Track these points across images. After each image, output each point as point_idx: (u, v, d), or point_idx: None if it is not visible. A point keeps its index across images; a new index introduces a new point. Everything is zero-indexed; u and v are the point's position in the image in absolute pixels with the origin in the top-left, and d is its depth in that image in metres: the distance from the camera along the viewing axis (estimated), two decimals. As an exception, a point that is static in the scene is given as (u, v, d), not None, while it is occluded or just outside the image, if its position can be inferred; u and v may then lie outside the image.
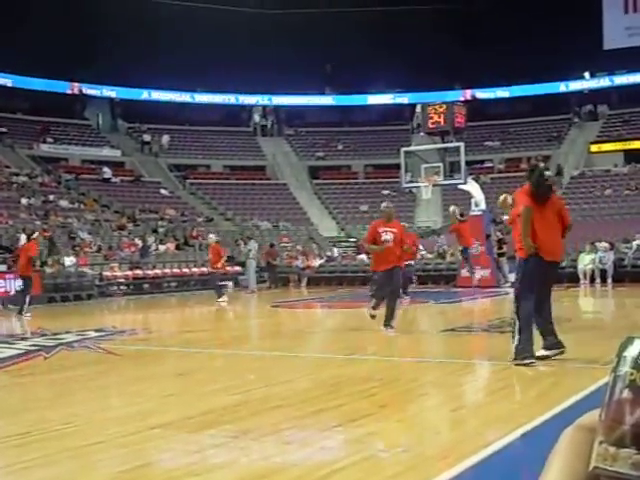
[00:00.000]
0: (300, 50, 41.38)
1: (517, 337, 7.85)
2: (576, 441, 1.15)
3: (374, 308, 12.05)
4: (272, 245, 30.32)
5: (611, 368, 1.06)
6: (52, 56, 38.20)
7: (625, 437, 1.01)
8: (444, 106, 26.30)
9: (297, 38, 41.42)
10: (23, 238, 20.09)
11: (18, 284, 19.50)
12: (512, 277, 24.17)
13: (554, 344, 8.06)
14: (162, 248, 30.75)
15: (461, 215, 23.73)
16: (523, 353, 7.77)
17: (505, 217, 20.59)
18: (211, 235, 23.38)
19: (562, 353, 8.05)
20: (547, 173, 38.15)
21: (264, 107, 50.31)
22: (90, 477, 4.20)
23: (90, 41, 38.78)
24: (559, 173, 39.04)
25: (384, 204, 12.63)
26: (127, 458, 4.57)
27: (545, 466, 1.17)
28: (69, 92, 44.66)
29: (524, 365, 7.66)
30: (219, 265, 21.19)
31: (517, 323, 7.94)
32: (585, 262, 25.64)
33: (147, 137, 44.83)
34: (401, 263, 12.18)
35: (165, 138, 44.89)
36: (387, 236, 11.67)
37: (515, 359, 7.80)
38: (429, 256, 29.90)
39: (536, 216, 8.05)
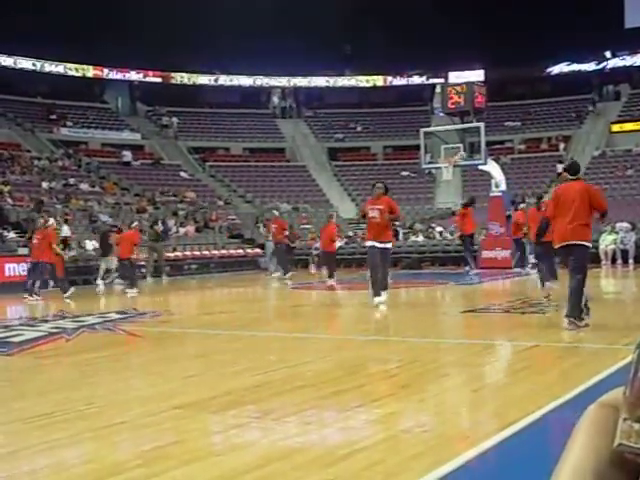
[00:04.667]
0: (319, 31, 41.19)
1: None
2: (599, 419, 1.15)
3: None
4: (290, 227, 30.33)
5: (636, 345, 1.05)
6: (72, 40, 38.30)
7: (650, 414, 1.00)
8: (464, 86, 26.13)
9: (316, 19, 41.21)
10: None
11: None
12: (532, 258, 24.19)
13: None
14: (182, 231, 30.86)
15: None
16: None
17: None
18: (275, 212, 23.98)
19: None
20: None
21: (283, 89, 50.21)
22: (114, 456, 4.24)
23: (110, 24, 38.78)
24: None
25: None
26: (150, 438, 4.61)
27: (568, 443, 1.17)
28: (89, 75, 44.83)
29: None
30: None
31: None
32: (606, 242, 25.49)
33: (166, 120, 44.98)
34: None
35: (174, 120, 44.96)
36: None
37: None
38: (449, 237, 29.83)
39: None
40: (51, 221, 19.26)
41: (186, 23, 40.43)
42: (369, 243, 12.88)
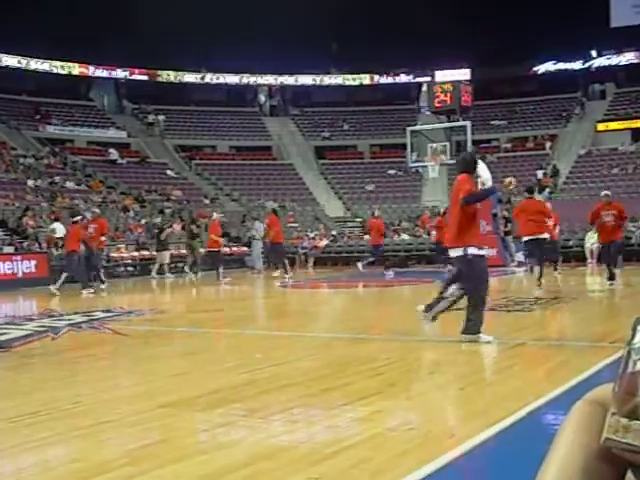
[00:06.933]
0: (306, 29, 41.12)
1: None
2: (585, 415, 1.15)
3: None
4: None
5: (626, 342, 1.06)
6: (58, 37, 38.11)
7: (638, 409, 1.01)
8: (450, 85, 26.20)
9: (303, 17, 41.15)
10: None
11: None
12: (519, 256, 24.29)
13: None
14: (168, 229, 30.73)
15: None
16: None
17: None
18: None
19: None
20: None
21: (270, 87, 50.16)
22: (100, 455, 4.23)
23: (96, 22, 38.60)
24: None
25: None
26: (136, 436, 4.60)
27: (554, 440, 1.17)
28: (75, 73, 44.63)
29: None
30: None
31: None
32: (592, 241, 25.53)
33: (153, 118, 44.88)
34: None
35: (161, 118, 44.86)
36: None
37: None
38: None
39: None
40: (215, 215, 23.03)
41: (172, 21, 40.24)
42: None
